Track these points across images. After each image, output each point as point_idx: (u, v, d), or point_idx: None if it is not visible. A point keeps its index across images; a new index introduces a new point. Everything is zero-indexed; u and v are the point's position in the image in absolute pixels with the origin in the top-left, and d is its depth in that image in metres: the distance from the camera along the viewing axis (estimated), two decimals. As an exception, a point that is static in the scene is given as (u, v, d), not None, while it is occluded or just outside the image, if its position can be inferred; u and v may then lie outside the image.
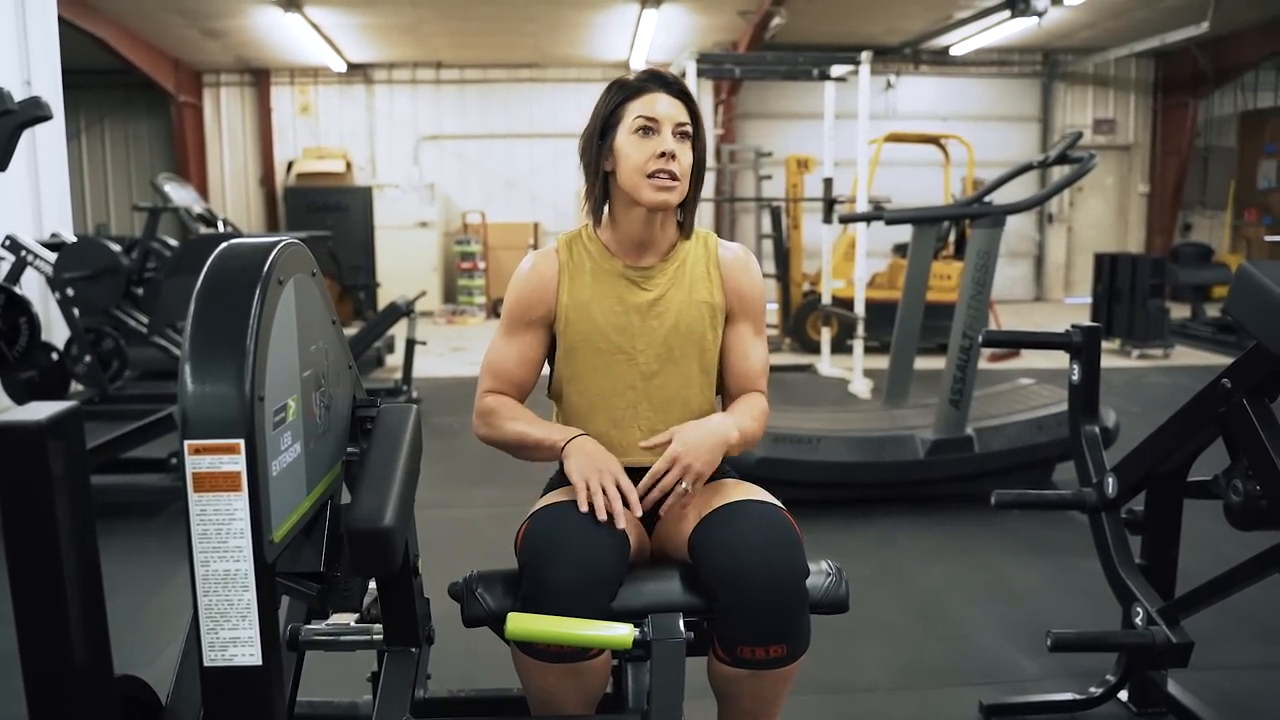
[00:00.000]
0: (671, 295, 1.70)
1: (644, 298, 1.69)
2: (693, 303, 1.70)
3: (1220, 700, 2.31)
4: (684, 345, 1.70)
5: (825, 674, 2.49)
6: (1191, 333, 8.68)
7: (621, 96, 1.65)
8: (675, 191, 1.63)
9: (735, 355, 1.75)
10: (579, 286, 1.70)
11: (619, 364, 1.70)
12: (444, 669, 2.11)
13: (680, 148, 1.63)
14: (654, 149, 1.61)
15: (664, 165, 1.61)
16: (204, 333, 1.03)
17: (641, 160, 1.61)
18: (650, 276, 1.70)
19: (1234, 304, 1.86)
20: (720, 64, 7.24)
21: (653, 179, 1.61)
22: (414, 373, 6.00)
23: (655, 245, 1.71)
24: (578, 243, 1.74)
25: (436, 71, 11.95)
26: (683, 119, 1.63)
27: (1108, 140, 12.53)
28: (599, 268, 1.71)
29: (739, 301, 1.74)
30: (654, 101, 1.62)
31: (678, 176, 1.62)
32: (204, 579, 1.02)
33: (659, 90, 1.63)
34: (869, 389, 6.44)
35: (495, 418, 1.69)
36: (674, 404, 1.71)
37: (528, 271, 1.73)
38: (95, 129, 12.15)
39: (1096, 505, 2.25)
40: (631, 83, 1.65)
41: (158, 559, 3.38)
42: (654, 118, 1.61)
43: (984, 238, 3.89)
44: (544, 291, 1.71)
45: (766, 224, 9.17)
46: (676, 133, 1.63)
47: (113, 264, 5.23)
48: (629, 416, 1.71)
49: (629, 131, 1.63)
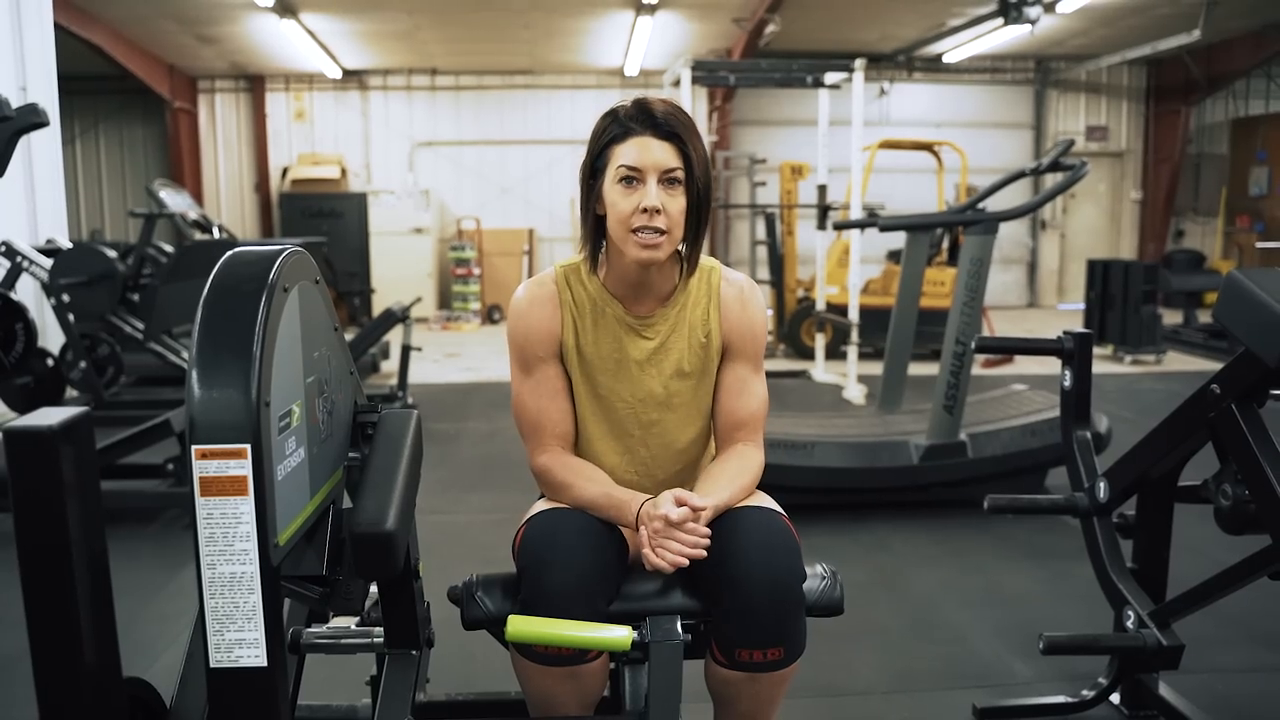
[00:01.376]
0: (672, 342, 1.66)
1: (644, 347, 1.65)
2: (692, 348, 1.67)
3: (1211, 703, 2.33)
4: (683, 393, 1.68)
5: (820, 677, 2.51)
6: (1184, 339, 8.73)
7: (609, 138, 1.56)
8: (662, 247, 1.54)
9: (729, 395, 1.69)
10: (581, 331, 1.66)
11: (616, 411, 1.68)
12: (443, 673, 2.12)
13: (668, 196, 1.53)
14: (637, 202, 1.51)
15: (647, 222, 1.51)
16: (211, 340, 1.04)
17: (626, 214, 1.52)
18: (651, 324, 1.66)
19: (1222, 311, 1.89)
20: (715, 71, 7.26)
21: (636, 235, 1.53)
22: (409, 379, 6.01)
23: (654, 288, 1.64)
24: (576, 279, 1.68)
25: (432, 78, 11.98)
26: (671, 164, 1.52)
27: (1100, 147, 12.60)
28: (600, 311, 1.66)
29: (737, 340, 1.68)
30: (639, 148, 1.52)
31: (664, 230, 1.53)
32: (210, 581, 1.04)
33: (646, 133, 1.52)
34: (863, 395, 6.46)
35: (563, 492, 1.62)
36: (671, 453, 1.71)
37: (526, 307, 1.66)
38: (90, 135, 12.15)
39: (1088, 510, 2.27)
40: (620, 119, 1.56)
41: (154, 565, 3.39)
42: (637, 168, 1.52)
43: (977, 244, 3.92)
44: (549, 327, 1.66)
45: (761, 230, 9.20)
46: (664, 180, 1.53)
47: (108, 270, 5.23)
48: (625, 463, 1.71)
49: (613, 180, 1.54)
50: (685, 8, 9.15)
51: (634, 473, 1.71)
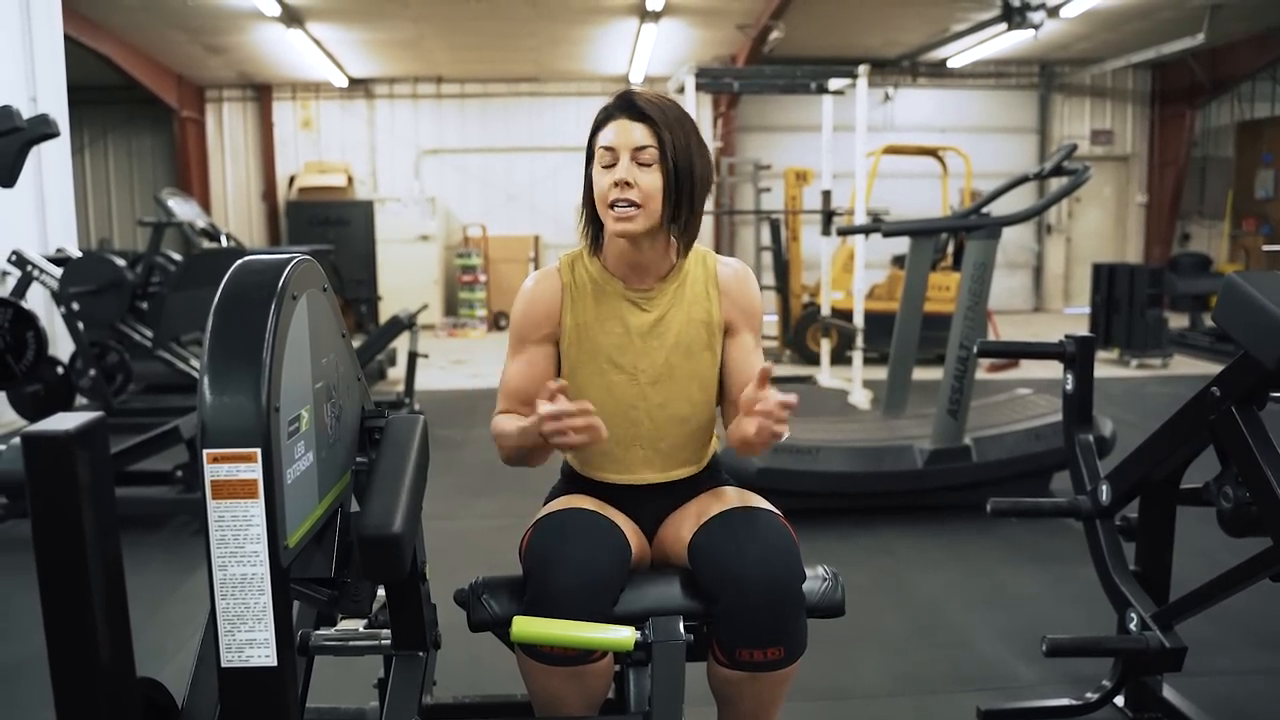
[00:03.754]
0: (672, 316, 1.71)
1: (645, 319, 1.71)
2: (692, 322, 1.72)
3: (1215, 705, 2.33)
4: (684, 365, 1.72)
5: (824, 681, 2.52)
6: (1190, 342, 8.72)
7: (594, 127, 1.67)
8: (637, 220, 1.62)
9: (738, 365, 1.75)
10: (582, 308, 1.72)
11: (621, 384, 1.72)
12: (449, 675, 2.14)
13: (640, 173, 1.61)
14: (612, 179, 1.62)
15: (620, 195, 1.61)
16: (222, 346, 1.07)
17: (604, 190, 1.63)
18: (651, 298, 1.72)
19: (1222, 314, 1.90)
20: (719, 78, 7.30)
21: (613, 209, 1.62)
22: (416, 385, 6.03)
23: (651, 267, 1.71)
24: (579, 263, 1.76)
25: (437, 86, 12.04)
26: (643, 143, 1.61)
27: (1105, 151, 12.60)
28: (601, 289, 1.73)
29: (739, 316, 1.75)
30: (615, 130, 1.63)
31: (638, 203, 1.61)
32: (221, 583, 1.06)
33: (622, 117, 1.63)
34: (868, 400, 6.47)
35: (499, 436, 1.71)
36: (674, 422, 1.74)
37: (531, 290, 1.75)
38: (99, 144, 12.23)
39: (1091, 512, 2.28)
40: (603, 110, 1.67)
41: (163, 571, 3.41)
42: (610, 147, 1.62)
43: (980, 249, 3.94)
44: (548, 310, 1.73)
45: (766, 236, 9.22)
46: (636, 159, 1.61)
47: (117, 279, 5.28)
48: (631, 434, 1.73)
49: (597, 165, 1.65)
50: (689, 15, 9.19)
51: (638, 444, 1.74)
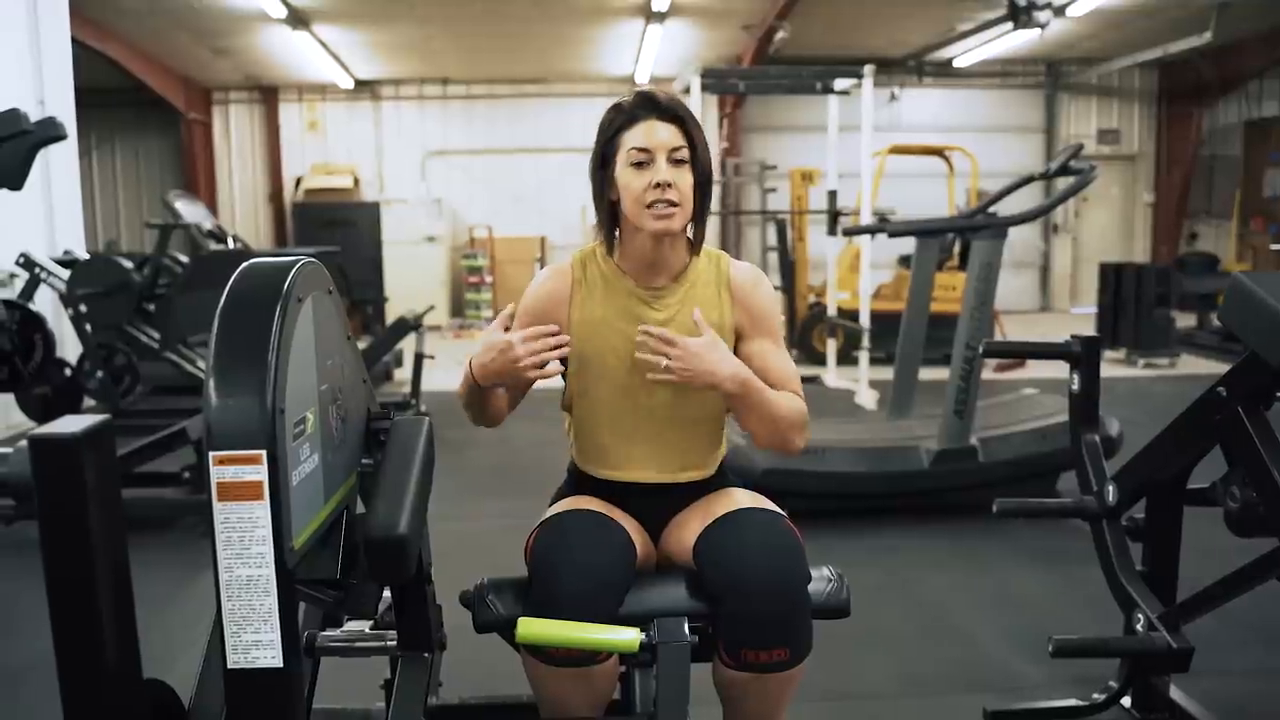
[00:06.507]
0: (682, 316, 1.71)
1: (655, 317, 1.71)
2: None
3: (1222, 705, 2.32)
4: None
5: (830, 681, 2.52)
6: (1197, 342, 8.69)
7: (616, 127, 1.67)
8: (676, 218, 1.64)
9: (757, 369, 1.72)
10: (591, 304, 1.73)
11: (628, 381, 1.72)
12: (455, 677, 2.14)
13: (677, 173, 1.63)
14: (649, 180, 1.62)
15: (660, 195, 1.62)
16: (228, 349, 1.07)
17: (639, 192, 1.63)
18: (661, 297, 1.72)
19: (1227, 314, 1.89)
20: (724, 78, 7.29)
21: (651, 209, 1.63)
22: (422, 386, 6.04)
23: (666, 266, 1.72)
24: (591, 261, 1.76)
25: (443, 87, 12.05)
26: (677, 143, 1.64)
27: (1112, 150, 12.56)
28: (611, 286, 1.73)
29: (752, 319, 1.75)
30: (646, 131, 1.63)
31: (676, 203, 1.63)
32: (227, 584, 1.06)
33: (651, 117, 1.64)
34: (875, 400, 6.46)
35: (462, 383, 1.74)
36: (681, 422, 1.74)
37: (541, 282, 1.77)
38: (106, 147, 12.26)
39: (1097, 513, 2.27)
40: (625, 110, 1.67)
41: (169, 573, 3.41)
42: (647, 148, 1.63)
43: (986, 249, 3.93)
44: (556, 303, 1.74)
45: (771, 237, 9.22)
46: (671, 159, 1.63)
47: (124, 281, 5.28)
48: (636, 433, 1.73)
49: (625, 164, 1.65)
50: (695, 15, 9.19)
51: (643, 441, 1.74)
